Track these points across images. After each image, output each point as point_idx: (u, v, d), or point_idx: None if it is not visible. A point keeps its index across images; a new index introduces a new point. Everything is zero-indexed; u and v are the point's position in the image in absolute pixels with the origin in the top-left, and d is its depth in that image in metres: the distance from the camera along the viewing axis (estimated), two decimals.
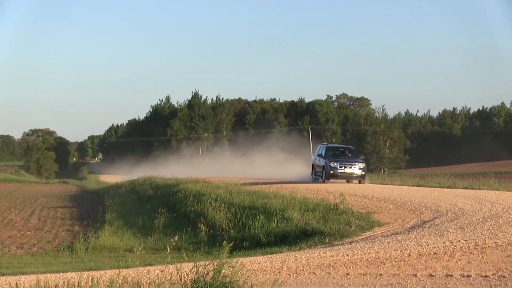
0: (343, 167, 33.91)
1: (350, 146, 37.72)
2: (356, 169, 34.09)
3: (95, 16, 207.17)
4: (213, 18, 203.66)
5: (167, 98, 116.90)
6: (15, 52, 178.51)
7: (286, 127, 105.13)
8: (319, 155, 36.24)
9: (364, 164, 34.65)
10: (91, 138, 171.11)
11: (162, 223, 27.80)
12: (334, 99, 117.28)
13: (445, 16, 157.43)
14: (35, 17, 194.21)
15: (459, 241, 13.50)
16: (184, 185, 38.09)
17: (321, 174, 35.24)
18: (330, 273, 11.47)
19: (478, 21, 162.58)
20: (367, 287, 10.13)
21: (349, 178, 34.42)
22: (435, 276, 10.43)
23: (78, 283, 9.77)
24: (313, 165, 37.96)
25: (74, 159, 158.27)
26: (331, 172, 33.92)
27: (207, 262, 9.39)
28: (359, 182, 34.43)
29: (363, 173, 34.36)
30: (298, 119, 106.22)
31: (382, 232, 18.30)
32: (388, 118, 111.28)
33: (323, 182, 34.55)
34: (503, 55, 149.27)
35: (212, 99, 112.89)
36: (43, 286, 9.88)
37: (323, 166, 34.86)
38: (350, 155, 35.72)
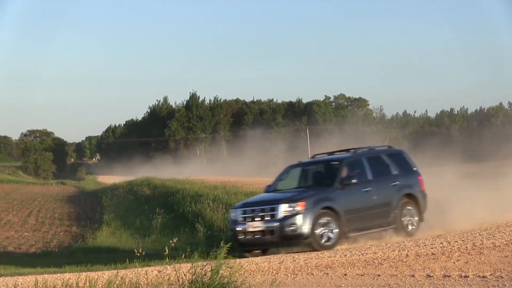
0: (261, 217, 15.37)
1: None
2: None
3: (93, 17, 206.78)
4: (211, 19, 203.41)
5: (165, 99, 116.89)
6: (12, 53, 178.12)
7: (284, 128, 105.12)
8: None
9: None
10: (89, 138, 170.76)
11: (160, 223, 27.79)
12: (332, 99, 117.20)
13: (443, 16, 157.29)
14: (33, 18, 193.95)
15: (457, 241, 13.52)
16: (182, 185, 38.06)
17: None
18: (328, 273, 11.48)
19: (476, 21, 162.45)
20: (365, 287, 10.15)
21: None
22: (433, 276, 10.45)
23: (76, 283, 9.77)
24: None
25: (72, 159, 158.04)
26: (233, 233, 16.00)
27: (204, 263, 9.40)
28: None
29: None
30: (296, 119, 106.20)
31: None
32: (386, 118, 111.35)
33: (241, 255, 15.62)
34: (502, 56, 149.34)
35: (210, 100, 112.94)
36: (41, 287, 9.88)
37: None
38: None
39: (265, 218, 15.16)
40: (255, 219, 15.28)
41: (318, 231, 15.09)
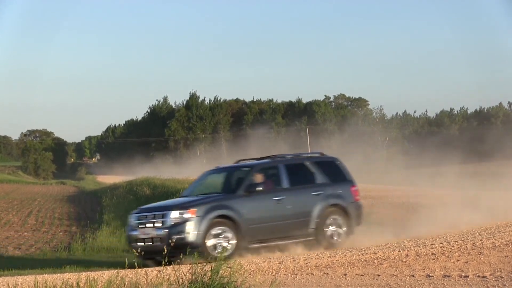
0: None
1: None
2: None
3: (93, 16, 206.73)
4: (211, 19, 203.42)
5: (165, 99, 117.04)
6: (12, 53, 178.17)
7: (284, 128, 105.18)
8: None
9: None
10: (89, 138, 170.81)
11: None
12: (331, 99, 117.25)
13: (443, 16, 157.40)
14: (33, 18, 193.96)
15: (457, 241, 13.52)
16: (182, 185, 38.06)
17: None
18: (327, 273, 11.48)
19: (476, 21, 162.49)
20: (365, 287, 10.15)
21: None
22: (432, 276, 10.45)
23: (76, 283, 9.77)
24: None
25: (72, 159, 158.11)
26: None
27: (204, 263, 9.40)
28: None
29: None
30: (295, 119, 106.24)
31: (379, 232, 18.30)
32: (385, 118, 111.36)
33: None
34: (502, 56, 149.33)
35: (209, 100, 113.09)
36: (41, 287, 9.88)
37: None
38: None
39: (156, 225, 14.55)
40: (147, 226, 14.68)
41: (211, 240, 14.38)
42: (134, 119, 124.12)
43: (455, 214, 18.93)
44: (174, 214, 14.42)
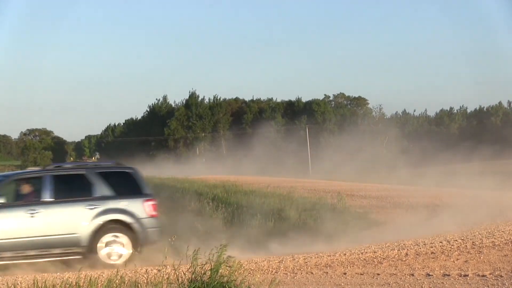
0: None
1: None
2: None
3: (92, 16, 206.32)
4: (210, 18, 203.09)
5: (164, 98, 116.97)
6: (12, 52, 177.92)
7: (284, 127, 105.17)
8: None
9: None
10: (88, 137, 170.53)
11: None
12: (331, 98, 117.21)
13: (443, 15, 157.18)
14: (32, 17, 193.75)
15: (456, 240, 13.51)
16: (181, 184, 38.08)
17: None
18: (327, 272, 11.48)
19: (476, 20, 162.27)
20: (365, 286, 10.14)
21: None
22: (432, 275, 10.45)
23: (76, 282, 9.76)
24: None
25: (72, 159, 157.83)
26: None
27: (204, 262, 9.39)
28: None
29: None
30: (295, 118, 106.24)
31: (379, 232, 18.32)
32: (385, 117, 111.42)
33: None
34: (501, 54, 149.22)
35: (209, 99, 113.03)
36: (40, 286, 9.88)
37: None
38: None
39: None
40: None
41: None
42: (134, 118, 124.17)
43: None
44: None
